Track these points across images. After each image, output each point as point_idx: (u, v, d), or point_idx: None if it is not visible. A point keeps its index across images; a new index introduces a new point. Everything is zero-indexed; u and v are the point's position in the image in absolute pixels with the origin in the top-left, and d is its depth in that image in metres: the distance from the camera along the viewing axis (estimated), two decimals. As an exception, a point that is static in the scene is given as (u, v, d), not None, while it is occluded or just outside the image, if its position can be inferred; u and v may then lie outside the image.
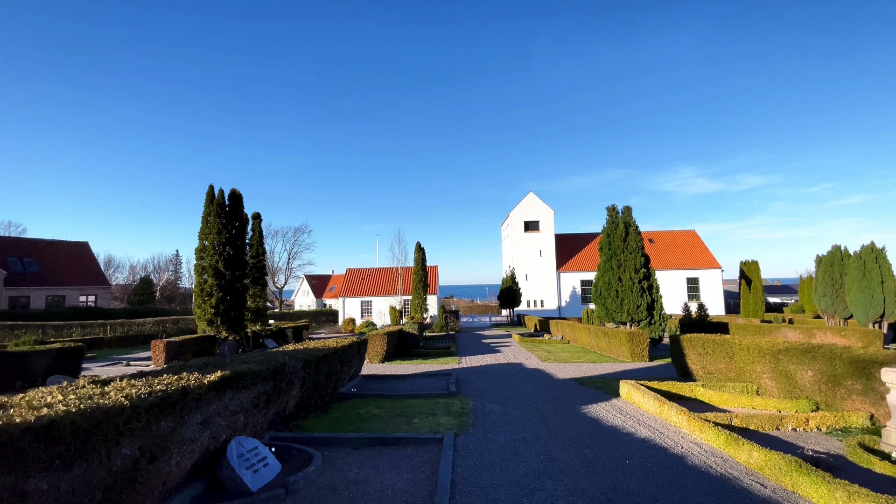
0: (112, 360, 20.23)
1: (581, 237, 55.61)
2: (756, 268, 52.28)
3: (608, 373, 13.66)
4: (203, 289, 19.35)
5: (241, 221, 20.84)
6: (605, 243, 22.42)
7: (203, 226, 20.02)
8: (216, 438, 5.25)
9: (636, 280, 20.24)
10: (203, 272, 19.50)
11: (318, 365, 8.30)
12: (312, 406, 8.36)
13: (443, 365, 15.78)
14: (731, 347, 10.14)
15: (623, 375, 13.16)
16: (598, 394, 10.18)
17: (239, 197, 20.87)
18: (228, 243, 19.91)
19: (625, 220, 21.55)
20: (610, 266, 21.69)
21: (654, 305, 20.35)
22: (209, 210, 20.00)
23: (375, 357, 16.33)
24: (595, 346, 19.76)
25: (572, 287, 51.38)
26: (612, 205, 22.53)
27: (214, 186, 20.29)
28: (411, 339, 19.52)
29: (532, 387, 11.27)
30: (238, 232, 20.63)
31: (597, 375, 13.13)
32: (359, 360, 11.68)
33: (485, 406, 8.91)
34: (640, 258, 20.66)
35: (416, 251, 36.70)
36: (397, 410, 8.49)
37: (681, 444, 6.41)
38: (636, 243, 20.87)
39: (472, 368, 14.90)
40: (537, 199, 52.22)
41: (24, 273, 38.98)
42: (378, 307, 40.00)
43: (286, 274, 76.39)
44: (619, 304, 20.65)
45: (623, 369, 14.34)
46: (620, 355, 16.80)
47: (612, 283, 21.24)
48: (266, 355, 7.11)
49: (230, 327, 19.79)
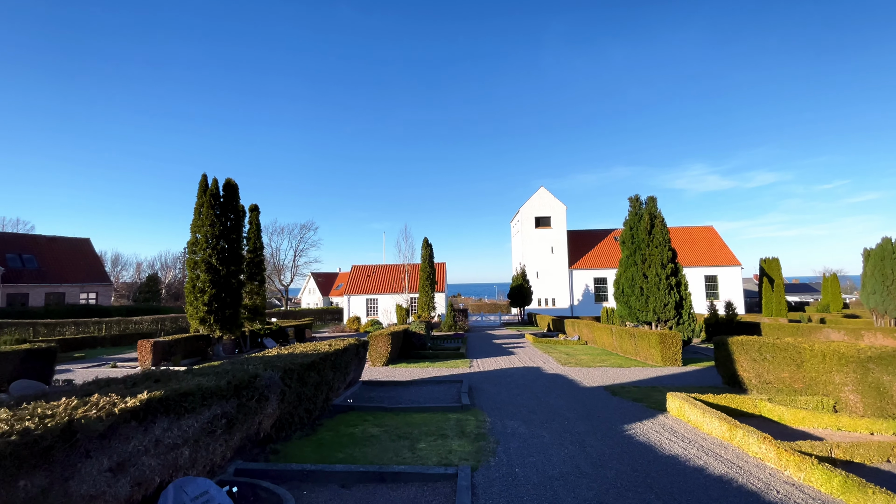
0: (100, 360, 19.00)
1: (594, 233, 53.71)
2: (777, 265, 50.08)
3: (640, 379, 12.04)
4: (195, 285, 18.03)
5: (236, 213, 19.49)
6: (627, 237, 20.72)
7: (195, 218, 18.69)
8: (144, 485, 3.77)
9: (663, 276, 18.54)
10: (195, 267, 18.17)
11: (304, 375, 6.81)
12: (296, 424, 6.88)
13: (452, 369, 14.26)
14: (800, 353, 8.48)
15: (658, 382, 11.53)
16: (639, 408, 8.58)
17: (234, 187, 19.51)
18: (222, 236, 18.57)
19: (649, 210, 19.83)
20: (633, 261, 20.00)
21: (683, 304, 18.63)
22: (202, 201, 18.66)
23: (378, 359, 14.86)
24: (618, 349, 18.11)
25: (585, 285, 49.57)
26: (636, 195, 20.83)
27: (218, 179, 18.96)
28: (418, 340, 18.04)
29: (558, 398, 9.69)
30: (233, 225, 19.28)
31: (629, 383, 11.51)
32: (357, 364, 10.20)
33: (505, 424, 7.36)
34: (668, 252, 18.95)
35: (423, 247, 35.20)
36: (400, 430, 6.98)
37: (774, 486, 4.82)
38: (662, 236, 19.16)
39: (486, 373, 13.36)
40: (548, 194, 50.44)
41: (23, 270, 38.15)
42: (384, 305, 38.58)
43: (292, 271, 75.43)
44: (644, 303, 18.97)
45: (656, 375, 12.70)
46: (649, 359, 15.14)
47: (635, 279, 19.55)
48: (232, 365, 5.62)
49: (224, 326, 18.46)
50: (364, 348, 10.95)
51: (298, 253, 74.95)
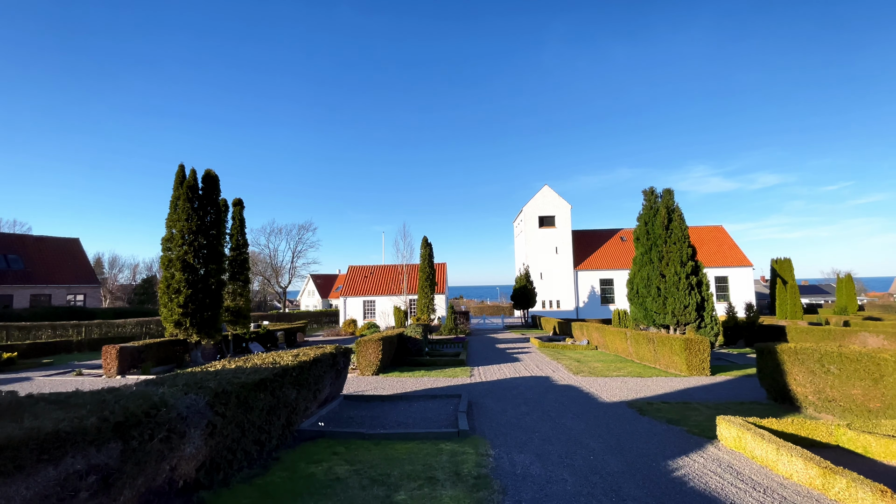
0: (68, 367, 17.43)
1: (600, 233, 51.99)
2: (789, 266, 48.24)
3: (667, 393, 10.38)
4: (170, 285, 16.46)
5: (216, 208, 17.94)
6: (641, 233, 19.07)
7: (171, 212, 17.15)
8: None
9: (683, 275, 16.88)
10: (170, 266, 16.61)
11: (249, 398, 5.20)
12: (241, 462, 5.26)
13: (450, 378, 12.63)
14: (879, 365, 6.82)
15: (688, 397, 9.87)
16: (678, 434, 6.92)
17: (214, 179, 17.97)
18: (200, 232, 17.01)
19: (666, 203, 18.19)
20: (649, 259, 18.35)
21: (705, 305, 16.96)
22: (178, 193, 17.12)
23: (368, 368, 13.24)
24: (633, 355, 16.44)
25: (591, 286, 47.85)
26: (650, 187, 19.20)
27: (196, 170, 17.43)
28: (414, 345, 16.41)
29: (576, 418, 8.04)
30: (213, 220, 17.73)
31: (655, 397, 9.85)
32: (335, 378, 8.58)
33: (514, 460, 5.72)
34: (688, 249, 17.30)
35: (422, 246, 33.61)
36: (376, 469, 5.35)
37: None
38: (681, 231, 17.51)
39: (488, 384, 11.73)
40: (553, 193, 48.81)
41: (8, 271, 36.72)
42: (382, 307, 36.96)
43: (290, 273, 73.96)
44: (662, 304, 17.31)
45: (683, 387, 11.03)
46: (671, 366, 13.47)
47: (651, 279, 17.90)
48: (113, 393, 3.96)
49: (203, 330, 16.88)
50: (345, 358, 9.34)
51: (297, 254, 73.49)
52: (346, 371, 9.43)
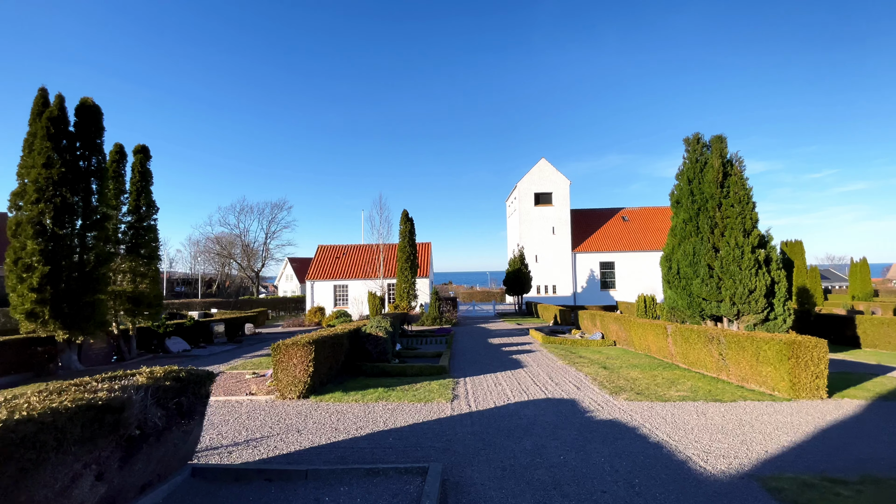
0: None
1: (599, 213, 47.55)
2: (801, 249, 44.14)
3: (802, 441, 5.83)
4: (19, 259, 11.34)
5: (99, 153, 12.75)
6: (683, 194, 14.40)
7: (24, 154, 11.93)
8: None
9: (747, 248, 12.31)
10: (19, 231, 11.46)
11: None
12: None
13: (421, 404, 7.91)
14: None
15: (845, 451, 5.29)
16: None
17: (94, 112, 12.72)
18: (67, 184, 11.85)
19: (719, 152, 13.51)
20: (694, 228, 13.73)
21: (775, 290, 12.46)
22: (35, 129, 11.88)
23: (291, 388, 8.40)
24: (678, 357, 11.93)
25: (590, 270, 43.56)
26: (695, 134, 14.47)
27: (65, 97, 12.21)
28: (375, 347, 11.59)
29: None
30: (94, 170, 12.57)
31: (792, 457, 5.26)
32: (123, 455, 3.74)
33: None
34: (753, 213, 12.71)
35: (402, 222, 28.65)
36: None
37: None
38: (743, 189, 12.89)
39: (480, 421, 7.05)
40: (550, 167, 44.03)
41: None
42: (355, 293, 32.06)
43: (264, 256, 68.48)
44: (715, 288, 12.75)
45: (816, 426, 6.47)
46: (754, 381, 8.92)
47: (699, 254, 13.30)
48: None
49: (73, 323, 11.85)
50: (187, 389, 4.51)
51: (270, 235, 67.96)
52: (190, 414, 4.59)
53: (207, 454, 5.69)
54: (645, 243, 43.05)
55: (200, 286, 63.57)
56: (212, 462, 5.46)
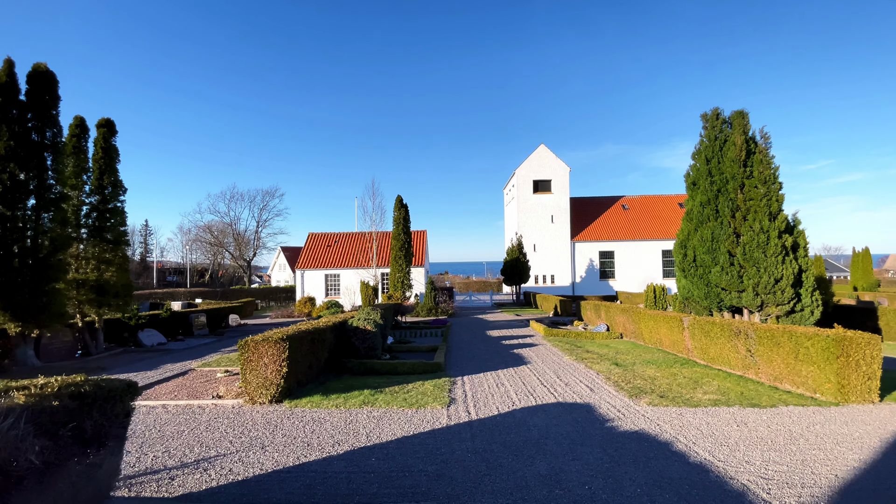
0: None
1: (598, 201, 46.45)
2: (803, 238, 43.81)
3: (871, 459, 4.76)
4: (-40, 244, 10.06)
5: (54, 125, 11.37)
6: (700, 174, 13.25)
7: (-34, 125, 10.58)
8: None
9: (773, 234, 11.22)
10: (-40, 212, 10.16)
11: None
12: None
13: (413, 410, 6.81)
14: None
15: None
16: None
17: (49, 78, 11.34)
18: (15, 158, 10.52)
19: (741, 129, 12.34)
20: (713, 211, 12.61)
21: (803, 280, 11.41)
22: (-23, 95, 10.51)
23: (261, 392, 7.25)
24: (695, 352, 10.88)
25: (589, 260, 42.57)
26: (714, 109, 13.28)
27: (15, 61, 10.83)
28: (363, 342, 10.45)
29: None
30: (48, 144, 11.21)
31: (879, 490, 4.20)
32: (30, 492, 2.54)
33: None
34: (780, 195, 11.60)
35: (395, 208, 27.39)
36: None
37: None
38: (769, 169, 11.76)
39: (481, 434, 5.96)
40: (550, 153, 42.73)
41: None
42: (347, 282, 30.89)
43: (255, 244, 67.02)
44: (737, 277, 11.68)
45: (882, 440, 5.43)
46: (788, 381, 7.88)
47: (719, 240, 12.21)
48: None
49: (26, 315, 10.62)
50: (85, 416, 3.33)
51: (262, 223, 66.44)
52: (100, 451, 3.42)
53: (143, 480, 4.55)
54: (645, 232, 42.03)
55: (192, 276, 62.19)
56: (146, 493, 4.32)
